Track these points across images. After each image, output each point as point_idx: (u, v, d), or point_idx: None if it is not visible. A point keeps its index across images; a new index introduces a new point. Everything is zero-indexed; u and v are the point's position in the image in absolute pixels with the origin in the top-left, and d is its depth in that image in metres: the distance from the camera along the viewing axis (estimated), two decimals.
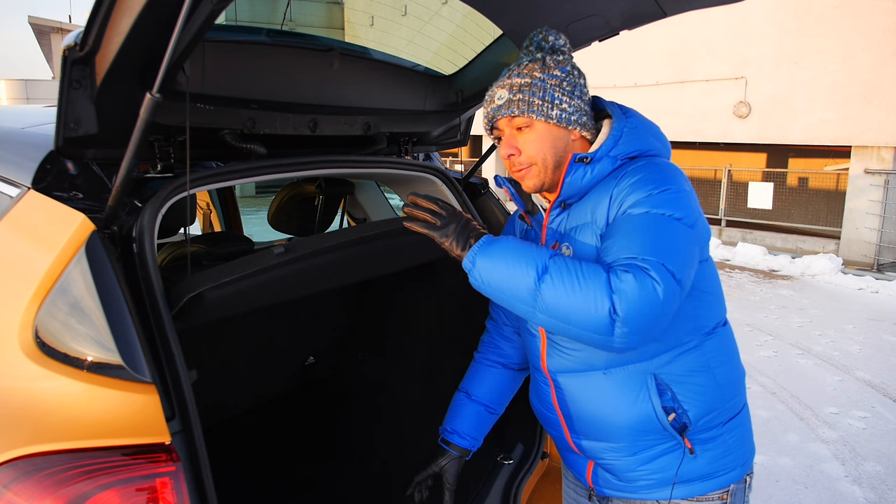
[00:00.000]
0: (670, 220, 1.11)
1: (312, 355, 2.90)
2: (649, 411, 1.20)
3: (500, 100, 1.24)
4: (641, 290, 1.02)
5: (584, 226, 1.21)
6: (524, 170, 1.25)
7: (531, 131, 1.23)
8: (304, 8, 4.76)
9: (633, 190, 1.15)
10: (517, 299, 1.10)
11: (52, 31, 26.79)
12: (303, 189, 2.67)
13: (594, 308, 1.03)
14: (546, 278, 1.06)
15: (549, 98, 1.22)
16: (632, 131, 1.24)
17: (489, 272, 1.12)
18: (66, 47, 1.05)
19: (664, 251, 1.06)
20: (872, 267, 9.33)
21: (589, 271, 1.06)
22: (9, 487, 0.91)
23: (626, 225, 1.12)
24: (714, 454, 1.24)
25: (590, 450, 1.31)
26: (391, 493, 2.02)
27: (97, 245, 1.05)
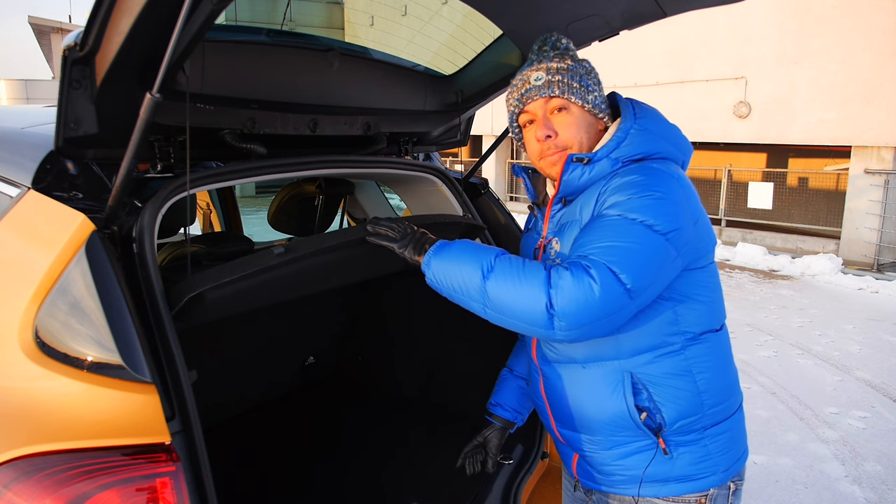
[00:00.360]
0: (638, 224, 1.10)
1: (312, 355, 2.90)
2: (622, 408, 1.21)
3: (537, 80, 1.24)
4: (577, 288, 1.05)
5: (573, 223, 1.24)
6: (557, 153, 1.25)
7: (567, 114, 1.24)
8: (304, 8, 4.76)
9: (615, 192, 1.16)
10: (469, 297, 1.16)
11: (52, 31, 26.78)
12: (303, 189, 2.67)
13: (533, 302, 1.08)
14: (491, 276, 1.12)
15: (585, 84, 1.24)
16: (639, 133, 1.23)
17: (441, 273, 1.19)
18: (66, 47, 1.05)
19: (614, 253, 1.08)
20: (872, 267, 9.33)
21: (530, 268, 1.11)
22: (9, 487, 0.91)
23: (592, 225, 1.15)
24: (692, 457, 1.23)
25: (571, 440, 1.34)
26: (391, 492, 2.02)
27: (97, 245, 1.05)
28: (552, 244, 1.29)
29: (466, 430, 2.32)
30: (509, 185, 17.07)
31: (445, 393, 2.54)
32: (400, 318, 2.72)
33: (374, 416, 2.57)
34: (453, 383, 2.51)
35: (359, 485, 2.08)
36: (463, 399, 2.47)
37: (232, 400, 2.59)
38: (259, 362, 2.65)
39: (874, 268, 9.29)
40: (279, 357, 2.76)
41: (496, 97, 2.01)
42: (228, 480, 2.07)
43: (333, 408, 2.71)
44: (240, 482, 2.11)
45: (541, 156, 1.28)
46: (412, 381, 2.67)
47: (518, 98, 1.28)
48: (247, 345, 2.56)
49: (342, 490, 2.06)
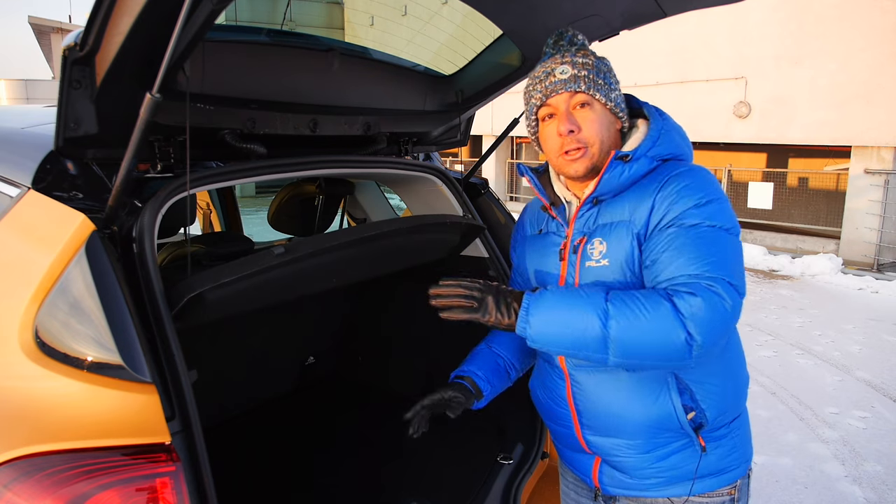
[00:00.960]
0: (722, 231, 1.12)
1: (312, 355, 2.90)
2: (669, 410, 1.20)
3: (563, 74, 1.21)
4: (713, 311, 1.04)
5: (620, 224, 1.20)
6: (579, 150, 1.22)
7: (591, 111, 1.21)
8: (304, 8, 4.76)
9: (678, 198, 1.14)
10: (586, 349, 1.08)
11: (52, 31, 26.78)
12: (303, 189, 2.67)
13: (670, 340, 1.04)
14: (611, 322, 1.05)
15: (608, 81, 1.23)
16: (668, 133, 1.25)
17: (546, 331, 1.09)
18: (66, 47, 1.05)
19: (724, 266, 1.08)
20: (872, 267, 9.33)
21: (651, 302, 1.05)
22: (9, 487, 0.91)
23: (681, 239, 1.11)
24: (723, 451, 1.26)
25: (601, 446, 1.30)
26: (391, 492, 2.02)
27: (97, 245, 1.05)
28: (593, 245, 1.23)
29: (467, 430, 2.33)
30: (509, 185, 17.07)
31: None
32: (400, 318, 2.72)
33: (374, 415, 2.57)
34: None
35: (358, 484, 2.08)
36: None
37: (232, 400, 2.59)
38: (259, 362, 2.65)
39: (874, 268, 9.29)
40: (279, 357, 2.76)
41: (496, 97, 2.01)
42: (228, 480, 2.07)
43: (333, 408, 2.71)
44: (240, 482, 2.11)
45: (560, 151, 1.24)
46: (412, 381, 2.67)
47: (541, 90, 1.24)
48: (247, 345, 2.56)
49: (342, 490, 2.06)
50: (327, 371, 2.99)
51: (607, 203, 1.25)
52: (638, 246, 1.18)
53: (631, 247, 1.18)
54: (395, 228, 1.71)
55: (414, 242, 1.88)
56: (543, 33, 1.70)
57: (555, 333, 1.09)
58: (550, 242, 1.34)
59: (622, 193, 1.23)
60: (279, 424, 2.56)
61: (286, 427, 2.55)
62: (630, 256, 1.18)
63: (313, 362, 2.91)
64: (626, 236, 1.19)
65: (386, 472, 2.15)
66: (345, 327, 2.96)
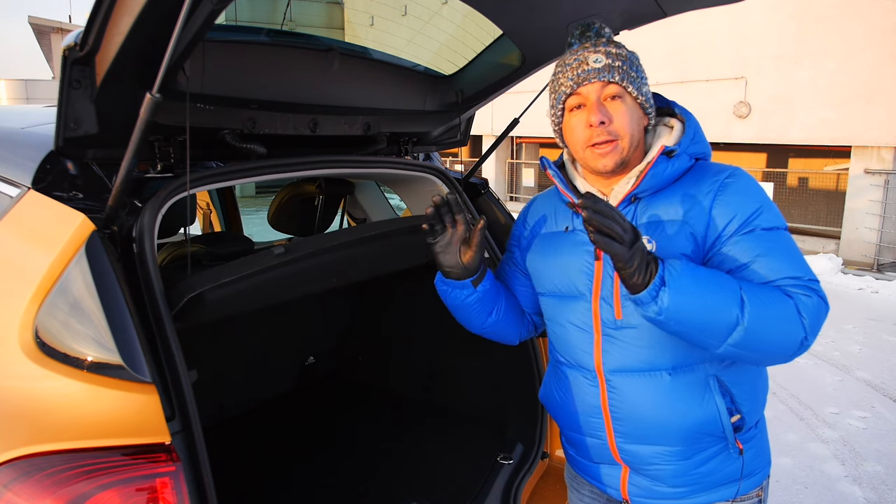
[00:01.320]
0: (786, 233, 1.16)
1: (312, 355, 2.90)
2: (714, 413, 1.17)
3: (596, 63, 1.16)
4: (819, 310, 1.09)
5: (672, 223, 1.16)
6: (609, 143, 1.16)
7: (622, 103, 1.17)
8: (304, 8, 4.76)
9: (743, 202, 1.14)
10: (708, 332, 1.04)
11: (52, 31, 26.79)
12: (303, 189, 2.67)
13: (791, 337, 1.06)
14: (747, 313, 1.03)
15: (640, 75, 1.20)
16: (700, 132, 1.24)
17: (680, 308, 1.02)
18: (66, 47, 1.05)
19: (808, 267, 1.12)
20: (872, 267, 9.33)
21: (779, 299, 1.06)
22: (9, 487, 0.91)
23: (766, 244, 1.12)
24: (752, 453, 1.25)
25: (638, 454, 1.24)
26: (391, 492, 2.02)
27: (97, 245, 1.05)
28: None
29: (467, 430, 2.33)
30: (509, 185, 17.07)
31: (445, 393, 2.54)
32: (400, 318, 2.72)
33: (374, 415, 2.57)
34: (453, 383, 2.51)
35: (358, 484, 2.08)
36: (463, 399, 2.47)
37: (232, 400, 2.59)
38: (259, 362, 2.65)
39: (874, 268, 9.29)
40: (279, 357, 2.76)
41: (496, 97, 2.01)
42: (228, 480, 2.07)
43: (333, 408, 2.71)
44: (240, 482, 2.11)
45: (587, 143, 1.17)
46: (412, 380, 2.67)
47: (572, 78, 1.18)
48: (247, 345, 2.56)
49: (342, 490, 2.06)
50: (327, 371, 2.99)
51: (647, 201, 1.20)
52: (693, 246, 1.14)
53: (685, 246, 1.14)
54: (395, 228, 1.71)
55: (414, 242, 1.87)
56: (543, 33, 1.71)
57: (689, 311, 1.02)
58: (579, 241, 1.26)
59: (662, 191, 1.19)
60: (279, 424, 2.56)
61: (286, 427, 2.55)
62: (682, 257, 1.13)
63: (313, 362, 2.91)
64: (680, 234, 1.15)
65: (386, 471, 2.15)
66: (345, 327, 2.96)
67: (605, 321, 1.22)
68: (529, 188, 16.51)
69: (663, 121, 1.28)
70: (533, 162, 16.67)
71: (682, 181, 1.19)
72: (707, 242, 1.15)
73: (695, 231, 1.14)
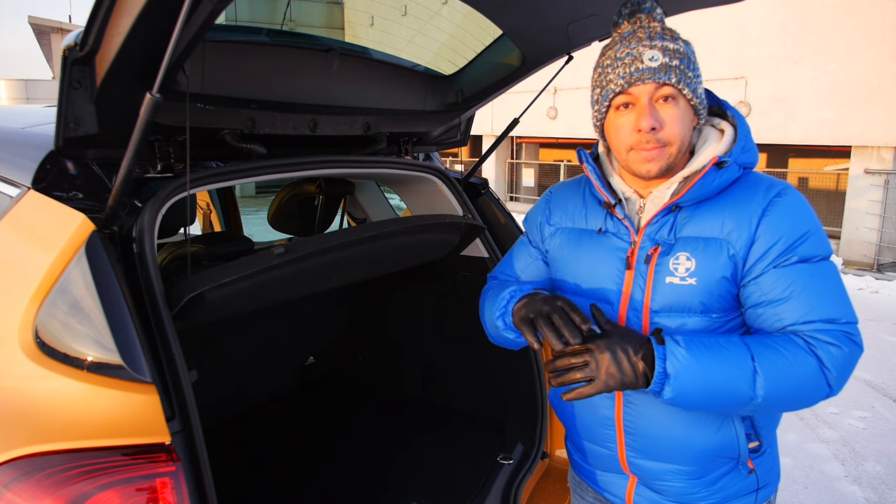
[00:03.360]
0: (830, 263, 1.08)
1: (312, 355, 2.90)
2: (732, 439, 1.15)
3: (653, 61, 1.05)
4: (852, 362, 1.02)
5: (713, 241, 1.09)
6: (657, 149, 1.08)
7: (675, 106, 1.07)
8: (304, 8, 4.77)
9: (790, 226, 1.06)
10: (725, 406, 1.04)
11: (52, 31, 26.80)
12: (303, 189, 2.67)
13: (812, 395, 1.02)
14: (759, 387, 0.99)
15: (696, 73, 1.09)
16: (751, 139, 1.15)
17: (688, 396, 1.01)
18: (66, 47, 1.05)
19: (849, 305, 1.05)
20: (872, 267, 9.33)
21: (798, 360, 1.00)
22: (9, 487, 0.91)
23: (805, 278, 1.04)
24: (763, 468, 1.22)
25: (648, 469, 1.21)
26: (391, 492, 2.02)
27: (97, 245, 1.05)
28: (678, 259, 1.10)
29: (467, 430, 2.33)
30: (509, 185, 17.07)
31: (445, 393, 2.54)
32: (400, 318, 2.72)
33: (374, 415, 2.57)
34: (453, 383, 2.51)
35: (358, 484, 2.08)
36: (463, 399, 2.47)
37: (232, 400, 2.59)
38: (259, 362, 2.65)
39: (874, 268, 9.29)
40: (279, 357, 2.76)
41: (496, 97, 2.01)
42: (228, 480, 2.07)
43: (333, 408, 2.71)
44: (240, 482, 2.11)
45: (633, 147, 1.09)
46: (412, 380, 2.67)
47: (624, 76, 1.06)
48: (247, 345, 2.56)
49: (342, 490, 2.06)
50: (327, 371, 2.99)
51: (689, 212, 1.12)
52: (732, 269, 1.08)
53: (724, 268, 1.07)
54: (395, 228, 1.71)
55: (414, 242, 1.88)
56: (543, 33, 1.71)
57: (698, 396, 1.01)
58: (612, 246, 1.19)
59: (706, 202, 1.11)
60: (279, 424, 2.56)
61: (286, 427, 2.55)
62: (721, 279, 1.08)
63: (313, 362, 2.91)
64: (721, 256, 1.08)
65: (386, 471, 2.15)
66: (345, 327, 2.96)
67: None
68: (529, 188, 16.50)
69: (711, 121, 1.19)
70: (533, 162, 16.67)
71: (728, 193, 1.11)
72: (747, 265, 1.08)
73: (736, 252, 1.07)
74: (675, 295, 1.10)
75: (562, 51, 1.78)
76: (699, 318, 1.11)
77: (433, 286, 2.41)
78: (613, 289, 1.17)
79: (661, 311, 1.12)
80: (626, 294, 1.16)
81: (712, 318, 1.11)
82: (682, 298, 1.10)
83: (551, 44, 1.75)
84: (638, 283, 1.14)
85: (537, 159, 17.42)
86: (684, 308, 1.11)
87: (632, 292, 1.15)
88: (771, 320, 1.07)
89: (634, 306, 1.15)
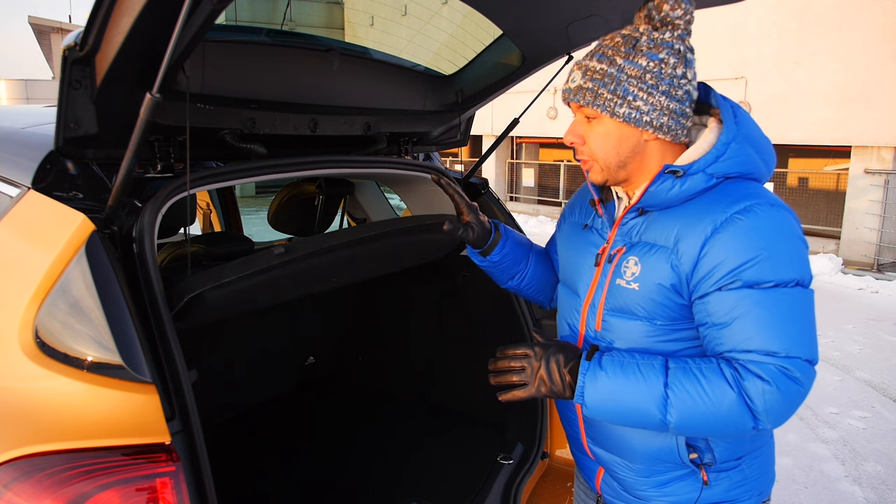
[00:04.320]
0: (797, 290, 1.00)
1: (312, 355, 2.90)
2: (672, 446, 1.15)
3: (572, 82, 1.11)
4: (786, 400, 0.97)
5: (660, 248, 1.09)
6: (587, 162, 1.15)
7: (599, 124, 1.10)
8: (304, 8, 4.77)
9: (741, 247, 1.01)
10: (644, 426, 1.07)
11: (52, 31, 26.79)
12: (303, 189, 2.67)
13: (735, 427, 1.00)
14: (671, 414, 1.01)
15: (622, 93, 1.06)
16: (740, 145, 1.09)
17: (602, 411, 1.06)
18: (66, 47, 1.05)
19: (800, 340, 0.99)
20: (872, 267, 9.33)
21: (716, 390, 0.99)
22: (9, 487, 0.91)
23: (749, 305, 0.99)
24: (730, 483, 1.18)
25: (602, 457, 1.27)
26: (391, 492, 2.02)
27: (97, 245, 1.05)
28: (627, 262, 1.13)
29: (467, 430, 2.33)
30: (509, 185, 17.07)
31: (445, 392, 2.54)
32: (400, 318, 2.72)
33: (374, 415, 2.57)
34: (453, 383, 2.51)
35: (358, 484, 2.08)
36: (462, 399, 2.47)
37: (232, 400, 2.59)
38: (259, 362, 2.65)
39: (874, 268, 9.29)
40: (279, 357, 2.76)
41: (496, 97, 2.01)
42: (228, 480, 2.07)
43: (333, 408, 2.71)
44: (240, 482, 2.11)
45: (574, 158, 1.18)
46: (412, 380, 2.67)
47: (563, 92, 1.14)
48: (247, 345, 2.56)
49: (342, 489, 2.06)
50: (327, 371, 2.99)
51: (655, 216, 1.13)
52: (675, 279, 1.07)
53: (664, 277, 1.08)
54: (395, 228, 1.71)
55: (414, 242, 1.88)
56: (543, 33, 1.71)
57: (610, 413, 1.06)
58: (590, 242, 1.24)
59: (670, 209, 1.11)
60: (279, 424, 2.56)
61: (286, 427, 2.55)
62: (660, 287, 1.09)
63: (313, 362, 2.91)
64: (663, 265, 1.08)
65: (386, 472, 2.15)
66: (344, 327, 2.96)
67: (588, 328, 1.21)
68: (529, 188, 16.50)
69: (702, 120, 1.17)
70: (533, 162, 16.66)
71: (695, 202, 1.09)
72: (691, 282, 1.06)
73: (681, 265, 1.06)
74: (622, 297, 1.14)
75: (562, 51, 1.78)
76: (644, 324, 1.12)
77: (433, 286, 2.41)
78: (583, 283, 1.23)
79: (612, 311, 1.16)
80: (591, 290, 1.21)
81: (657, 325, 1.11)
82: (627, 302, 1.13)
83: (551, 44, 1.75)
84: (600, 283, 1.19)
85: (537, 159, 17.42)
86: (629, 311, 1.13)
87: (595, 289, 1.20)
88: (713, 343, 1.05)
89: (594, 302, 1.20)
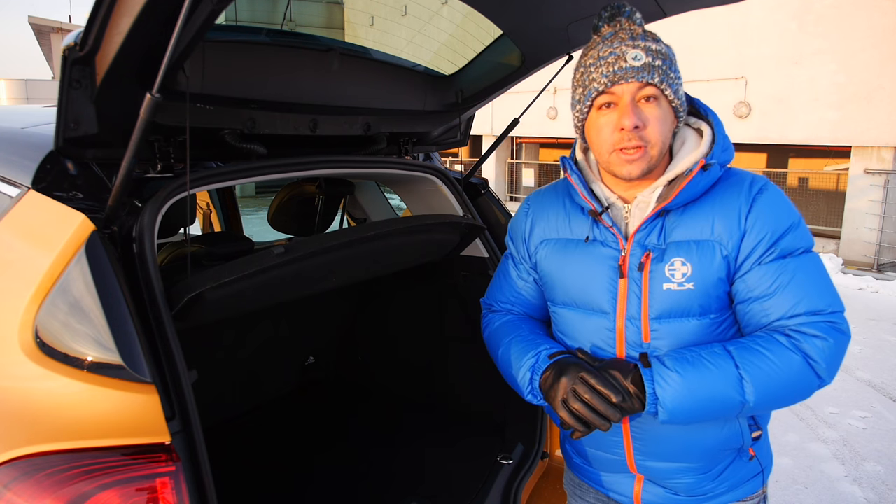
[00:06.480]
0: (815, 254, 1.11)
1: (312, 355, 2.90)
2: (737, 432, 1.17)
3: (636, 60, 1.04)
4: (841, 351, 1.04)
5: (705, 243, 1.09)
6: (638, 149, 1.06)
7: (657, 107, 1.06)
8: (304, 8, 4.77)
9: (772, 221, 1.08)
10: (718, 415, 1.08)
11: (52, 31, 26.81)
12: (303, 189, 2.67)
13: (803, 389, 1.05)
14: (748, 393, 1.03)
15: (677, 75, 1.08)
16: (726, 136, 1.16)
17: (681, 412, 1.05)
18: (66, 47, 1.05)
19: (834, 294, 1.08)
20: (872, 267, 9.33)
21: (782, 359, 1.03)
22: (9, 487, 0.91)
23: (789, 272, 1.07)
24: (762, 453, 1.26)
25: (657, 470, 1.22)
26: (391, 492, 2.02)
27: (97, 245, 1.05)
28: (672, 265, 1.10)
29: (467, 430, 2.33)
30: (509, 185, 17.07)
31: (445, 393, 2.54)
32: (400, 318, 2.72)
33: (374, 415, 2.57)
34: (453, 383, 2.51)
35: (358, 484, 2.08)
36: (463, 399, 2.47)
37: (232, 400, 2.59)
38: (259, 362, 2.65)
39: (874, 268, 9.29)
40: (279, 357, 2.76)
41: (496, 97, 2.01)
42: (228, 480, 2.07)
43: (333, 408, 2.71)
44: (240, 482, 2.11)
45: (614, 147, 1.07)
46: (412, 380, 2.67)
47: (607, 74, 1.05)
48: (247, 345, 2.56)
49: (342, 489, 2.06)
50: (327, 371, 2.99)
51: (677, 215, 1.12)
52: (727, 269, 1.09)
53: (720, 269, 1.08)
54: (395, 228, 1.71)
55: (414, 242, 1.88)
56: (543, 33, 1.71)
57: (691, 412, 1.05)
58: (602, 255, 1.17)
59: (692, 204, 1.11)
60: (279, 424, 2.56)
61: (286, 427, 2.55)
62: (718, 281, 1.09)
63: (313, 362, 2.91)
64: (715, 257, 1.08)
65: (386, 472, 2.15)
66: (345, 327, 2.96)
67: (630, 343, 1.15)
68: (529, 188, 16.51)
69: (688, 121, 1.19)
70: (533, 162, 16.67)
71: (712, 192, 1.12)
72: (735, 264, 1.10)
73: (729, 252, 1.09)
74: (673, 301, 1.10)
75: (562, 51, 1.78)
76: (697, 321, 1.11)
77: (433, 286, 2.40)
78: (608, 298, 1.16)
79: (660, 318, 1.12)
80: (621, 303, 1.15)
81: (710, 318, 1.12)
82: (681, 303, 1.10)
83: (551, 44, 1.75)
84: (633, 291, 1.13)
85: (537, 159, 17.42)
86: (683, 312, 1.11)
87: (627, 301, 1.14)
88: (758, 316, 1.09)
89: (632, 315, 1.14)
